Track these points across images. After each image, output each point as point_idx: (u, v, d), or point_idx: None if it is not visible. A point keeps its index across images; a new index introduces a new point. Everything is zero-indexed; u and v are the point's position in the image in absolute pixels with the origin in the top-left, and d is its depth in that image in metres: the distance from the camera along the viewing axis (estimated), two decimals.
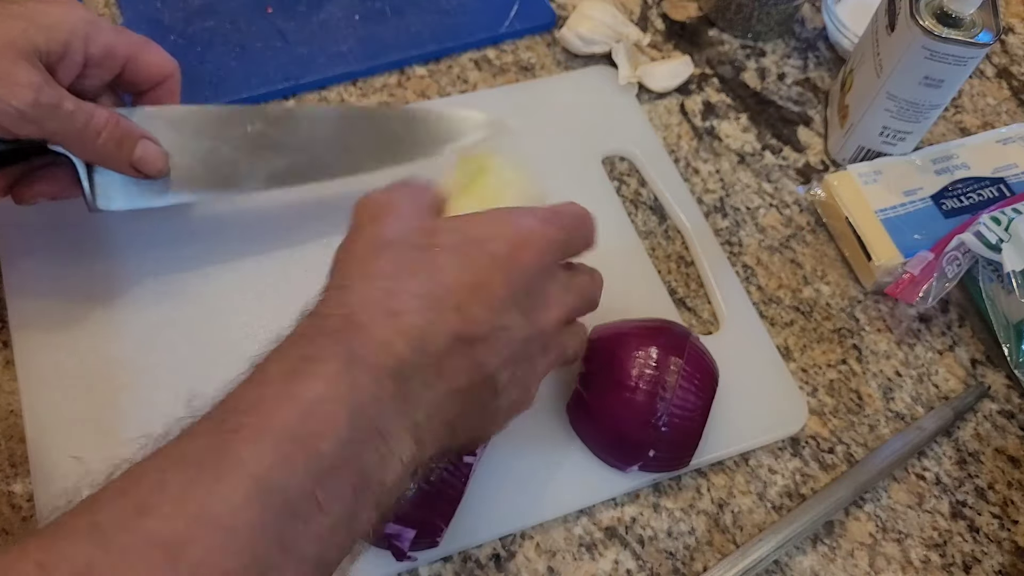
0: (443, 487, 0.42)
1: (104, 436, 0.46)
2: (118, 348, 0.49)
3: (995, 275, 0.55)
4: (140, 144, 0.45)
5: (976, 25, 0.54)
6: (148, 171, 0.46)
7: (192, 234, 0.53)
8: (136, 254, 0.51)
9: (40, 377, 0.47)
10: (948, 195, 0.59)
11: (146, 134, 0.46)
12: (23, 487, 0.45)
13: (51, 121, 0.41)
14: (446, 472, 0.41)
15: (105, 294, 0.50)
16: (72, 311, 0.49)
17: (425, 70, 0.64)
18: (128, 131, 0.45)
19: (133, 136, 0.45)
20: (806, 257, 0.59)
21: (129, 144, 0.45)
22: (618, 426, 0.46)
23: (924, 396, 0.54)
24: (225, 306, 0.51)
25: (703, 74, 0.67)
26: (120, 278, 0.50)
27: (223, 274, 0.51)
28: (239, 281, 0.51)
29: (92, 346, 0.48)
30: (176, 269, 0.50)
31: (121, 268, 0.51)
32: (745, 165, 0.63)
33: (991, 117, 0.68)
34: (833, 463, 0.51)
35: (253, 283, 0.51)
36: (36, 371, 0.47)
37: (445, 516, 0.42)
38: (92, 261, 0.51)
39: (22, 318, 0.49)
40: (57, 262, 0.50)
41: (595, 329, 0.49)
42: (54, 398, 0.47)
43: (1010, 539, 0.50)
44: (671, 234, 0.59)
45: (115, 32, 0.45)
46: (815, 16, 0.72)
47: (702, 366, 0.46)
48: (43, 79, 0.41)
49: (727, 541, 0.48)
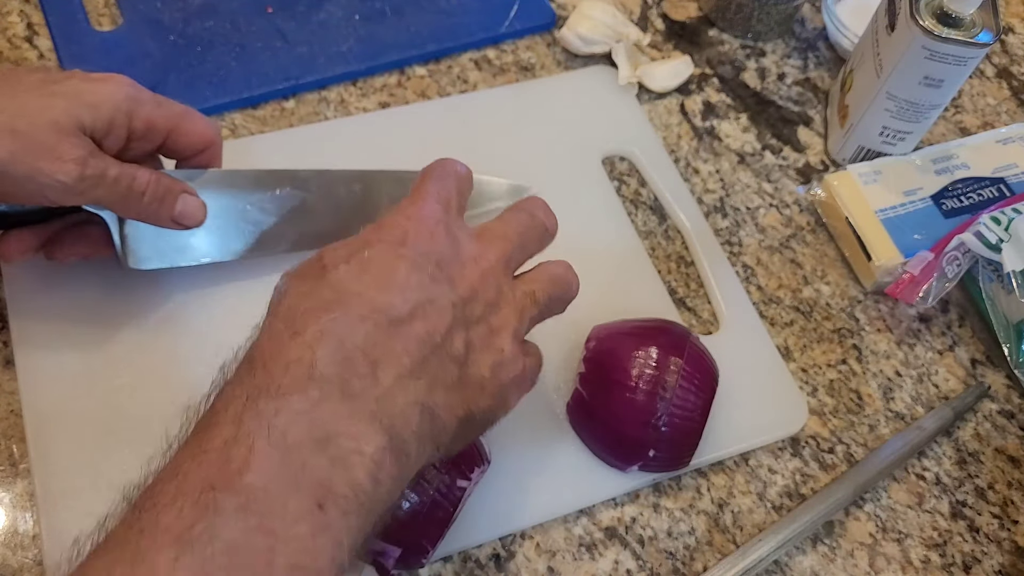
0: (433, 509, 0.41)
1: (105, 435, 0.46)
2: (119, 347, 0.48)
3: (995, 275, 0.55)
4: (180, 199, 0.46)
5: (976, 25, 0.54)
6: (189, 224, 0.47)
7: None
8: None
9: (40, 376, 0.47)
10: (948, 195, 0.59)
11: (186, 188, 0.47)
12: (23, 487, 0.45)
13: (96, 190, 0.42)
14: (438, 494, 0.41)
15: (107, 293, 0.50)
16: (73, 311, 0.49)
17: (425, 70, 0.64)
18: (169, 188, 0.46)
19: (174, 192, 0.46)
20: (806, 257, 0.59)
21: (171, 200, 0.46)
22: (618, 426, 0.46)
23: (924, 396, 0.54)
24: (227, 305, 0.51)
25: (703, 74, 0.67)
26: (122, 278, 0.50)
27: (226, 273, 0.51)
28: (242, 280, 0.51)
29: (93, 345, 0.48)
30: (178, 268, 0.50)
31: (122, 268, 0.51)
32: (745, 165, 0.63)
33: (991, 117, 0.68)
34: (833, 463, 0.51)
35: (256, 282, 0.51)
36: (36, 371, 0.47)
37: (432, 538, 0.42)
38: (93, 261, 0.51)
39: (22, 317, 0.49)
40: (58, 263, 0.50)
41: (595, 329, 0.49)
42: (54, 397, 0.46)
43: (1010, 539, 0.50)
44: (671, 234, 0.59)
45: (157, 105, 0.45)
46: (815, 16, 0.72)
47: (702, 366, 0.46)
48: (88, 152, 0.41)
49: (727, 541, 0.48)
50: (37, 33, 0.61)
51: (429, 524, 0.41)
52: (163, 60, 0.60)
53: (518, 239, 0.41)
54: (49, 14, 0.61)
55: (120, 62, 0.59)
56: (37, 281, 0.50)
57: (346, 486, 0.31)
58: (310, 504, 0.30)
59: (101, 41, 0.60)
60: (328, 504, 0.31)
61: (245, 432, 0.31)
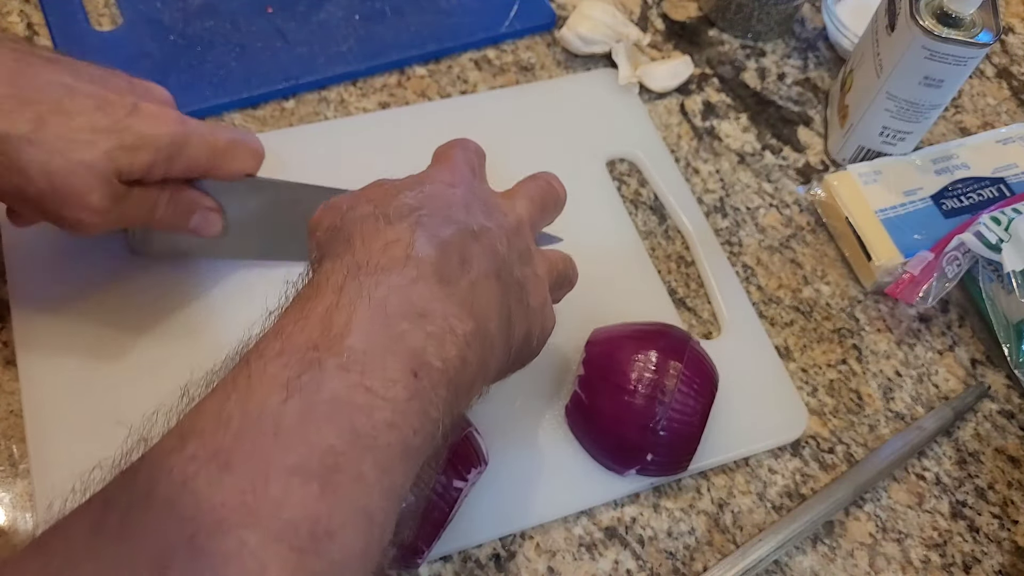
0: (430, 509, 0.41)
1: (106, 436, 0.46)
2: (121, 347, 0.48)
3: (995, 275, 0.55)
4: (198, 214, 0.47)
5: (976, 25, 0.54)
6: (204, 235, 0.48)
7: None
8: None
9: (41, 376, 0.47)
10: (948, 195, 0.59)
11: (206, 203, 0.47)
12: (23, 487, 0.45)
13: (115, 224, 0.43)
14: (434, 494, 0.41)
15: (111, 293, 0.50)
16: (77, 310, 0.49)
17: (425, 70, 0.64)
18: (188, 205, 0.46)
19: (191, 209, 0.46)
20: (806, 257, 0.59)
21: (187, 216, 0.46)
22: (616, 429, 0.46)
23: (924, 396, 0.54)
24: (233, 306, 0.50)
25: (703, 74, 0.67)
26: (126, 278, 0.50)
27: (233, 274, 0.51)
28: (249, 282, 0.51)
29: (94, 343, 0.48)
30: (180, 264, 0.50)
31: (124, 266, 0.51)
32: (745, 165, 0.63)
33: (991, 117, 0.68)
34: (833, 463, 0.51)
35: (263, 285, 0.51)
36: (37, 370, 0.47)
37: (428, 538, 0.42)
38: (95, 260, 0.51)
39: (25, 318, 0.49)
40: (60, 261, 0.50)
41: (595, 332, 0.49)
42: (55, 396, 0.46)
43: (1010, 539, 0.50)
44: (671, 234, 0.59)
45: (201, 143, 0.44)
46: (815, 16, 0.72)
47: (702, 371, 0.46)
48: (113, 200, 0.41)
49: (727, 541, 0.48)
50: (37, 33, 0.61)
51: (425, 524, 0.41)
52: (163, 60, 0.60)
53: (540, 202, 0.44)
54: (49, 14, 0.61)
55: (120, 62, 0.58)
56: (41, 281, 0.50)
57: (439, 359, 0.33)
58: (406, 370, 0.32)
59: (101, 41, 0.60)
60: (422, 373, 0.32)
61: (347, 300, 0.32)
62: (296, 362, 0.30)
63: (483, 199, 0.40)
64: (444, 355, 0.33)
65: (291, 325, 0.32)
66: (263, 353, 0.31)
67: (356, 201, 0.37)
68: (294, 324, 0.32)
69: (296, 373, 0.30)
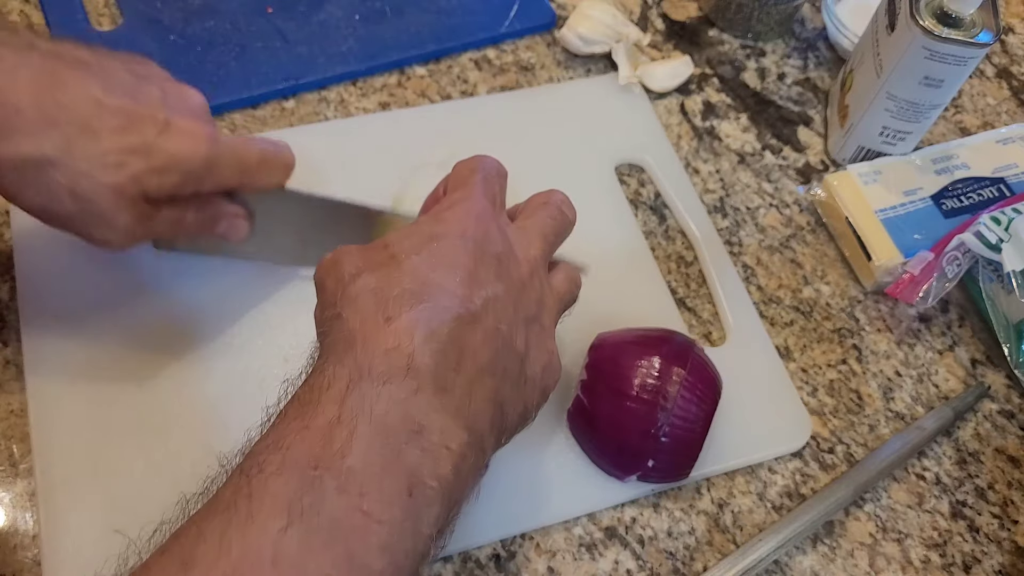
0: None
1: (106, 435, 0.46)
2: (123, 347, 0.48)
3: (995, 275, 0.55)
4: (224, 221, 0.46)
5: (976, 25, 0.54)
6: (232, 240, 0.47)
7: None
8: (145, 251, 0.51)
9: (47, 375, 0.47)
10: (948, 195, 0.59)
11: (230, 212, 0.46)
12: (23, 487, 0.45)
13: (144, 239, 0.43)
14: None
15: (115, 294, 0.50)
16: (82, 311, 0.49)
17: (425, 70, 0.64)
18: (214, 216, 0.46)
19: (219, 217, 0.46)
20: (806, 257, 0.59)
21: (215, 224, 0.46)
22: (618, 435, 0.46)
23: (924, 396, 0.54)
24: (238, 308, 0.50)
25: (703, 74, 0.67)
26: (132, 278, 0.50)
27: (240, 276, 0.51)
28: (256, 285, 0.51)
29: (98, 344, 0.48)
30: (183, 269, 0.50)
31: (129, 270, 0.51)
32: (745, 165, 0.63)
33: (991, 117, 0.68)
34: (833, 463, 0.51)
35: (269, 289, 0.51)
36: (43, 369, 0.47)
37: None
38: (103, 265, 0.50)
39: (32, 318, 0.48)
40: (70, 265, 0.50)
41: (598, 337, 0.49)
42: (59, 395, 0.46)
43: (1010, 539, 0.50)
44: (671, 234, 0.59)
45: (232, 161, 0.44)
46: (815, 16, 0.72)
47: (705, 377, 0.46)
48: (139, 220, 0.41)
49: (727, 541, 0.48)
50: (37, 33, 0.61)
51: None
52: (163, 60, 0.59)
53: (554, 237, 0.43)
54: (49, 14, 0.61)
55: None
56: (48, 282, 0.50)
57: (433, 478, 0.33)
58: (401, 490, 0.32)
59: (101, 41, 0.60)
60: (416, 492, 0.32)
61: (348, 415, 0.32)
62: (297, 480, 0.30)
63: (496, 253, 0.38)
64: (439, 472, 0.33)
65: (292, 435, 0.32)
66: (263, 467, 0.31)
67: (359, 268, 0.36)
68: (295, 434, 0.32)
69: (297, 494, 0.30)
